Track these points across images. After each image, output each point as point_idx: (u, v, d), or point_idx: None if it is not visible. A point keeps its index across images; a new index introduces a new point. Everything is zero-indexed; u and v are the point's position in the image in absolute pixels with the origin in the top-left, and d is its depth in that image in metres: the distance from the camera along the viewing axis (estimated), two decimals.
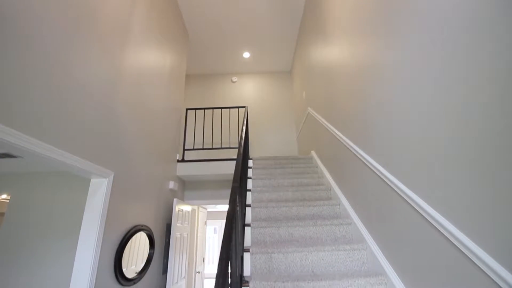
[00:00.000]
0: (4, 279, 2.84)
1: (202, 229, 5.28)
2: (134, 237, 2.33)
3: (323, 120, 2.99)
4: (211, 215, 9.37)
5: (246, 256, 1.77)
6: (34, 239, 2.99)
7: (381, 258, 1.59)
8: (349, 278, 1.50)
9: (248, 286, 1.50)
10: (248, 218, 2.26)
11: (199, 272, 4.74)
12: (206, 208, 5.80)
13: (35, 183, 3.27)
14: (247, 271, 1.72)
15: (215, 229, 9.82)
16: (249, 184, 2.90)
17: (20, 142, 1.24)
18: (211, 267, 8.83)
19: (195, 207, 4.78)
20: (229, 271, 1.10)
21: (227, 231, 1.01)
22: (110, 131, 2.03)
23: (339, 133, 2.38)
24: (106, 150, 1.96)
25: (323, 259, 1.76)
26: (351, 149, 2.05)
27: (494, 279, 0.84)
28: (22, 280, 2.82)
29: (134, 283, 2.28)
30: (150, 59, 2.88)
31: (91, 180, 1.88)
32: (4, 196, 3.99)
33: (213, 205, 5.72)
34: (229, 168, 3.59)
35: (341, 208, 2.28)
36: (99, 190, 1.85)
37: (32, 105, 1.35)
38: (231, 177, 3.69)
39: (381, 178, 1.58)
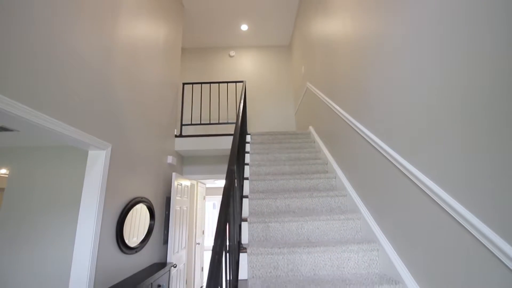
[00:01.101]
0: (6, 253, 2.92)
1: (201, 203, 5.41)
2: (134, 209, 2.39)
3: (321, 94, 2.96)
4: (210, 191, 9.56)
5: (244, 225, 1.82)
6: (35, 213, 3.04)
7: (374, 227, 1.64)
8: (343, 245, 1.57)
9: (245, 251, 1.56)
10: (246, 191, 2.30)
11: (199, 244, 4.92)
12: (205, 184, 5.89)
13: (34, 157, 3.27)
14: (245, 239, 1.79)
15: (214, 204, 10.07)
16: (247, 158, 2.92)
17: (16, 111, 1.23)
18: (210, 240, 9.16)
19: (194, 182, 4.85)
20: (227, 236, 1.14)
21: (226, 192, 1.03)
22: (106, 103, 2.00)
23: (337, 107, 2.37)
24: (102, 122, 1.94)
25: (318, 228, 1.82)
26: (349, 122, 2.05)
27: (475, 234, 0.87)
28: (25, 254, 2.91)
29: (136, 251, 2.37)
30: (144, 30, 2.77)
31: (89, 152, 1.88)
32: (3, 171, 4.01)
33: (212, 181, 5.81)
34: (227, 144, 3.60)
35: (337, 181, 2.32)
36: (97, 161, 1.86)
37: (27, 75, 1.31)
38: (229, 153, 3.72)
39: (377, 150, 1.59)
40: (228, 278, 1.14)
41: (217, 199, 9.79)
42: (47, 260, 2.87)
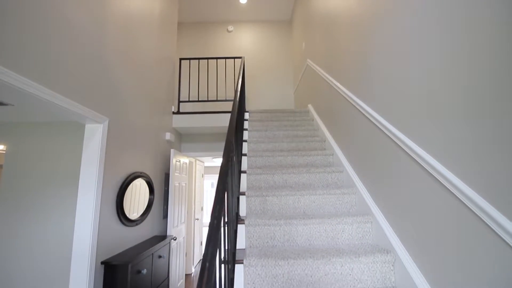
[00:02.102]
0: (7, 229, 2.97)
1: (200, 181, 5.48)
2: (134, 185, 2.42)
3: (322, 71, 2.91)
4: (208, 170, 9.65)
5: (242, 199, 1.86)
6: (35, 188, 3.06)
7: (369, 200, 1.68)
8: (338, 217, 1.61)
9: (243, 223, 1.60)
10: (244, 166, 2.32)
11: (198, 219, 5.05)
12: (203, 162, 5.93)
13: (31, 133, 3.24)
14: (242, 212, 1.83)
15: (212, 183, 10.21)
16: (245, 135, 2.92)
17: (11, 81, 1.20)
18: (209, 217, 9.36)
19: (192, 159, 4.88)
20: (226, 208, 1.17)
21: (225, 160, 1.04)
22: (101, 76, 1.95)
23: (337, 84, 2.34)
24: (99, 96, 1.91)
25: (314, 202, 1.86)
26: (349, 99, 2.03)
27: (465, 202, 0.90)
28: (26, 229, 2.96)
29: (137, 224, 2.43)
30: (138, 2, 2.65)
31: (86, 125, 1.87)
32: (0, 147, 4.00)
33: (210, 159, 5.85)
34: (225, 121, 3.59)
35: (334, 158, 2.34)
36: (94, 135, 1.86)
37: (21, 45, 1.27)
38: (227, 130, 3.71)
39: (376, 126, 1.59)
40: (226, 247, 1.17)
41: (216, 178, 9.91)
42: (49, 234, 2.94)
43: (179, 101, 3.77)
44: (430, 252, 1.12)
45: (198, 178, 5.26)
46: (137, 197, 2.51)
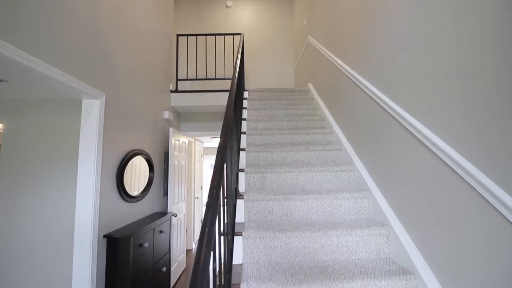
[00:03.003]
0: (9, 207, 3.01)
1: (199, 161, 5.52)
2: (134, 162, 2.43)
3: (323, 48, 2.84)
4: (208, 151, 9.68)
5: (241, 175, 1.88)
6: (34, 166, 3.07)
7: (366, 177, 1.71)
8: (335, 193, 1.64)
9: (242, 198, 1.63)
10: (243, 144, 2.33)
11: (198, 198, 5.14)
12: (202, 142, 5.94)
13: (28, 111, 3.20)
14: (241, 188, 1.86)
15: (211, 164, 10.29)
16: (244, 114, 2.90)
17: (8, 54, 1.17)
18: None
19: (192, 139, 4.88)
20: (225, 182, 1.18)
21: (223, 134, 1.04)
22: (97, 51, 1.90)
23: (338, 60, 2.29)
24: (95, 71, 1.87)
25: (312, 179, 1.89)
26: (350, 76, 2.00)
27: (463, 176, 0.91)
28: (28, 206, 3.01)
29: (138, 200, 2.47)
30: None
31: (83, 101, 1.85)
32: None
33: (209, 139, 5.85)
34: (224, 100, 3.55)
35: (333, 136, 2.35)
36: (92, 111, 1.84)
37: (17, 17, 1.22)
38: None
39: (377, 103, 1.58)
40: (226, 221, 1.20)
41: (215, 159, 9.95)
42: (50, 209, 2.99)
43: (177, 79, 3.71)
44: (424, 224, 1.15)
45: (197, 158, 5.29)
46: (137, 174, 2.53)
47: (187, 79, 3.73)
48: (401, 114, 1.31)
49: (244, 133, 2.40)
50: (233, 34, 3.78)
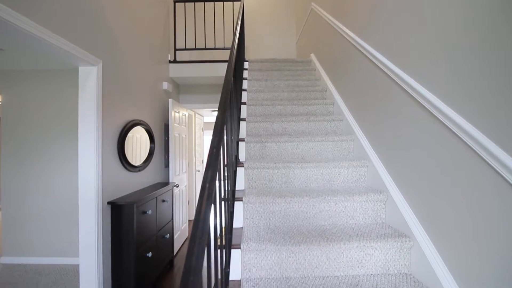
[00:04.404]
0: (15, 180, 3.05)
1: (200, 135, 5.52)
2: (134, 135, 2.42)
3: (327, 15, 2.71)
4: (208, 126, 9.65)
5: (241, 145, 1.88)
6: (35, 136, 3.08)
7: (366, 146, 1.70)
8: (335, 162, 1.65)
9: (242, 166, 1.65)
10: (244, 114, 2.31)
11: (199, 171, 5.21)
12: (202, 116, 5.90)
13: (26, 83, 3.15)
14: (242, 157, 1.87)
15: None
16: (245, 84, 2.85)
17: (6, 16, 1.11)
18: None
19: (192, 112, 4.84)
20: (225, 149, 1.18)
21: (223, 95, 1.02)
22: (91, 15, 1.82)
23: (343, 27, 2.19)
24: (91, 36, 1.80)
25: (312, 148, 1.89)
26: (354, 43, 1.92)
27: (464, 139, 0.91)
28: (32, 178, 3.05)
29: (139, 170, 2.50)
30: None
31: (80, 68, 1.80)
32: None
33: (209, 113, 5.80)
34: (224, 71, 3.46)
35: (335, 107, 2.32)
36: (89, 78, 1.80)
37: None
38: None
39: (380, 69, 1.53)
40: (227, 188, 1.22)
41: None
42: (55, 177, 3.04)
43: (175, 49, 3.59)
44: (422, 189, 1.16)
45: (197, 131, 5.28)
46: (138, 145, 2.54)
47: (185, 49, 3.61)
48: (404, 78, 1.27)
49: (244, 103, 2.37)
50: (232, 0, 3.60)
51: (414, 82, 1.22)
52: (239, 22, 2.15)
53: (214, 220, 0.79)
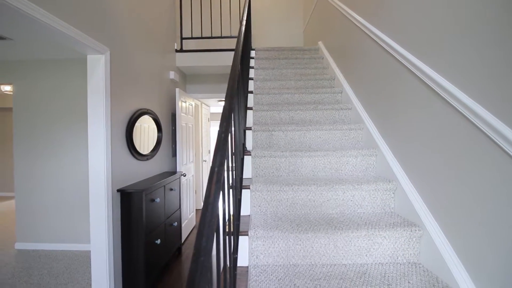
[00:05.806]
0: (27, 168, 3.12)
1: (206, 125, 5.52)
2: (142, 126, 2.43)
3: (336, 1, 2.63)
4: (214, 117, 9.65)
5: (248, 133, 1.87)
6: (46, 125, 3.13)
7: (376, 135, 1.67)
8: (343, 150, 1.63)
9: (250, 154, 1.64)
10: (250, 103, 2.29)
11: (205, 161, 5.24)
12: (209, 106, 5.89)
13: (36, 73, 3.18)
14: (249, 146, 1.86)
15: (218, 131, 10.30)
16: (251, 73, 2.81)
17: (15, 3, 1.11)
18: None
19: (198, 102, 4.84)
20: (233, 136, 1.17)
21: (231, 83, 1.00)
22: (99, 4, 1.80)
23: (352, 12, 2.13)
24: (98, 24, 1.79)
25: (320, 137, 1.87)
26: (364, 29, 1.86)
27: (479, 125, 0.88)
28: (43, 166, 3.11)
29: (148, 159, 2.53)
30: None
31: (88, 56, 1.80)
32: (7, 88, 3.98)
33: (216, 103, 5.78)
34: (231, 60, 3.41)
35: (343, 96, 2.27)
36: (97, 66, 1.80)
37: None
38: None
39: (391, 55, 1.48)
40: (234, 176, 1.21)
41: None
42: (65, 166, 3.11)
43: (182, 38, 3.56)
44: (433, 178, 1.14)
45: (204, 122, 5.29)
46: (146, 134, 2.56)
47: (192, 38, 3.57)
48: (417, 64, 1.23)
49: (251, 92, 2.35)
50: None
51: (428, 68, 1.18)
52: (246, 10, 2.11)
53: (223, 205, 0.79)
